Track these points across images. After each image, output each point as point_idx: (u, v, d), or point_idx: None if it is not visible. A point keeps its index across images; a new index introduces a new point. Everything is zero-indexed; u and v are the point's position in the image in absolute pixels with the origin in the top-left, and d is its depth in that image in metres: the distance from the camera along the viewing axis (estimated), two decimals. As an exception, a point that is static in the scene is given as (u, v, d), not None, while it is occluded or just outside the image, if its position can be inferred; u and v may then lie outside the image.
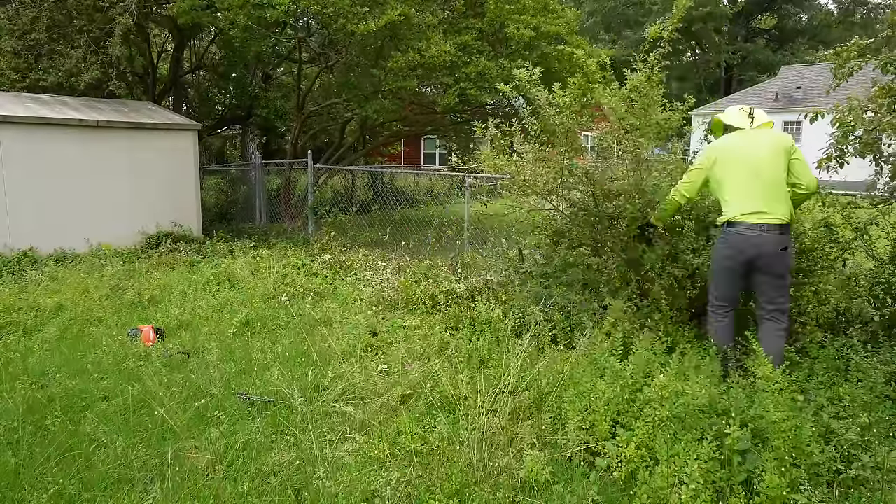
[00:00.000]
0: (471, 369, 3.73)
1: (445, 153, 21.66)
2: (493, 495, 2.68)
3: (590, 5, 39.80)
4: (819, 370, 3.27)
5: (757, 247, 3.40)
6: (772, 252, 3.39)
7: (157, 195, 9.23)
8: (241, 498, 2.73)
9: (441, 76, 9.01)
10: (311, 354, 4.34)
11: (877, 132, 3.61)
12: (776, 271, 3.44)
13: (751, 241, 3.41)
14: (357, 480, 2.82)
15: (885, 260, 4.06)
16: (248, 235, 10.06)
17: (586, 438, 3.00)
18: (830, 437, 2.77)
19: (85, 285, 6.43)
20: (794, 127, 24.37)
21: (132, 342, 4.77)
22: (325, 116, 12.84)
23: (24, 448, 3.12)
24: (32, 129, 7.95)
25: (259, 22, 8.98)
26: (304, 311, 5.57)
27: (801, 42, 39.33)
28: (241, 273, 6.95)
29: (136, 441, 3.23)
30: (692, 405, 2.80)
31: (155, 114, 9.76)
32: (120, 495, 2.76)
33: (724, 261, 3.55)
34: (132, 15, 9.36)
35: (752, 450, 2.64)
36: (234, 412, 3.54)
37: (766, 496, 2.44)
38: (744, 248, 3.43)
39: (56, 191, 8.20)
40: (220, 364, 4.28)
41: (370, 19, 8.25)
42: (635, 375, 3.21)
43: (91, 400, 3.75)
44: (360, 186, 13.48)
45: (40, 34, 10.00)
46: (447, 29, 9.06)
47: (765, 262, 3.42)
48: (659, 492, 2.57)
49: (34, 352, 4.60)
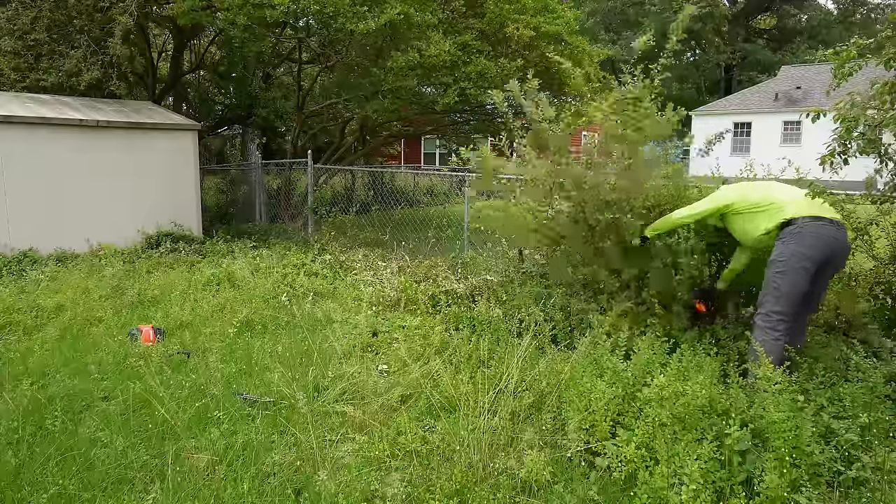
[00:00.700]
0: (471, 369, 3.73)
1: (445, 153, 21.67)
2: (493, 495, 2.68)
3: (590, 5, 39.83)
4: (819, 370, 3.27)
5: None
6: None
7: (158, 195, 9.23)
8: (241, 498, 2.73)
9: (441, 76, 9.01)
10: (312, 354, 4.34)
11: (880, 129, 3.60)
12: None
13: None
14: (357, 480, 2.82)
15: (885, 260, 4.06)
16: (248, 235, 10.05)
17: (586, 438, 3.00)
18: (830, 438, 2.77)
19: (85, 285, 6.43)
20: (794, 127, 24.40)
21: (132, 342, 4.77)
22: (325, 116, 12.85)
23: (24, 448, 3.12)
24: (32, 129, 7.95)
25: (259, 22, 8.98)
26: (304, 311, 5.57)
27: (801, 42, 39.35)
28: (241, 273, 6.95)
29: (136, 441, 3.23)
30: (692, 405, 2.80)
31: (155, 114, 9.76)
32: (120, 495, 2.76)
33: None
34: (132, 15, 9.36)
35: (752, 450, 2.64)
36: (235, 412, 3.54)
37: (766, 496, 2.44)
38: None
39: (56, 191, 8.20)
40: (220, 364, 4.28)
41: (369, 18, 8.25)
42: (636, 375, 3.21)
43: (91, 400, 3.75)
44: (360, 186, 13.48)
45: (40, 34, 10.01)
46: (447, 29, 9.07)
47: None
48: (659, 492, 2.57)
49: (34, 352, 4.60)
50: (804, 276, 3.20)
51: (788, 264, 3.22)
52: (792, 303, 3.25)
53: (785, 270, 3.23)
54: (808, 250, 3.19)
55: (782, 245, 3.28)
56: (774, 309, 3.26)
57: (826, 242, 3.21)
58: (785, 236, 3.29)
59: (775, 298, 3.26)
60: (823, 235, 3.21)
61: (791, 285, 3.22)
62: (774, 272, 3.28)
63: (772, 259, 3.33)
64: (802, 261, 3.19)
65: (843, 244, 3.30)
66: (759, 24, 40.84)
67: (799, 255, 3.20)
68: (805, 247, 3.20)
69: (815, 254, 3.19)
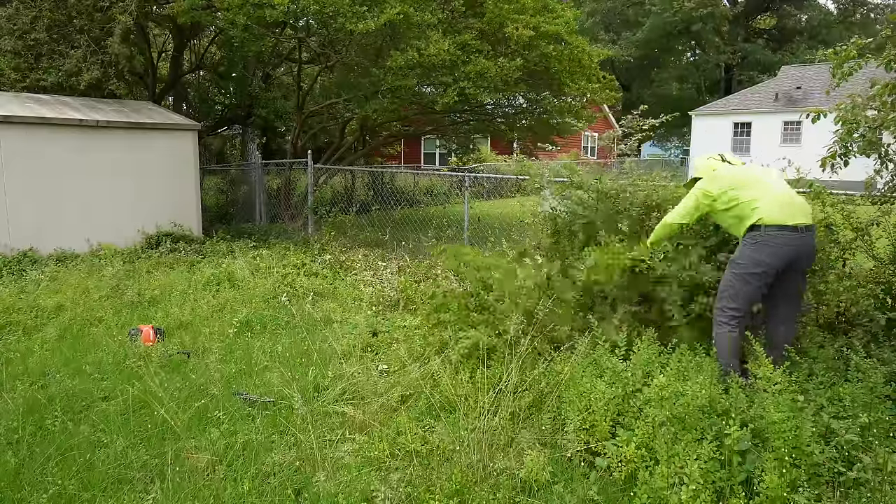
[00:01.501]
0: (471, 369, 3.72)
1: (445, 153, 21.67)
2: (493, 495, 2.68)
3: (590, 5, 39.83)
4: (819, 370, 3.27)
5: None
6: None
7: (157, 195, 9.23)
8: (241, 498, 2.74)
9: (440, 75, 9.00)
10: (312, 354, 4.35)
11: (880, 130, 3.59)
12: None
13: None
14: (357, 480, 2.82)
15: (885, 260, 4.06)
16: (248, 235, 10.06)
17: (586, 438, 3.00)
18: (830, 438, 2.76)
19: (85, 285, 6.43)
20: (795, 127, 24.38)
21: (132, 342, 4.77)
22: (325, 116, 12.84)
23: (24, 448, 3.12)
24: (33, 129, 7.95)
25: (258, 22, 8.98)
26: (304, 311, 5.57)
27: (801, 42, 39.35)
28: (241, 273, 6.95)
29: (136, 441, 3.23)
30: (692, 405, 2.80)
31: (155, 114, 9.76)
32: (120, 495, 2.76)
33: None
34: (132, 14, 9.36)
35: (752, 450, 2.64)
36: (234, 412, 3.54)
37: (766, 496, 2.45)
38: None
39: (56, 191, 8.20)
40: (220, 364, 4.28)
41: (369, 19, 8.24)
42: (635, 375, 3.20)
43: (91, 400, 3.75)
44: (359, 186, 13.48)
45: (40, 34, 10.01)
46: (447, 28, 9.05)
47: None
48: (659, 492, 2.57)
49: (34, 352, 4.60)
50: (759, 280, 3.34)
51: (746, 268, 3.35)
52: (746, 301, 3.39)
53: (741, 274, 3.37)
54: (766, 258, 3.31)
55: (744, 248, 3.40)
56: (729, 305, 3.40)
57: (786, 252, 3.30)
58: (748, 240, 3.39)
59: (730, 296, 3.40)
60: (783, 245, 3.30)
61: (745, 286, 3.36)
62: (732, 272, 3.42)
63: (733, 258, 3.47)
64: (759, 266, 3.32)
65: (807, 248, 3.38)
66: (759, 24, 40.82)
67: (756, 261, 3.33)
68: (764, 255, 3.31)
69: (774, 261, 3.30)
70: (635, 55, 37.96)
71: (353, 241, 8.97)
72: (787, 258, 3.31)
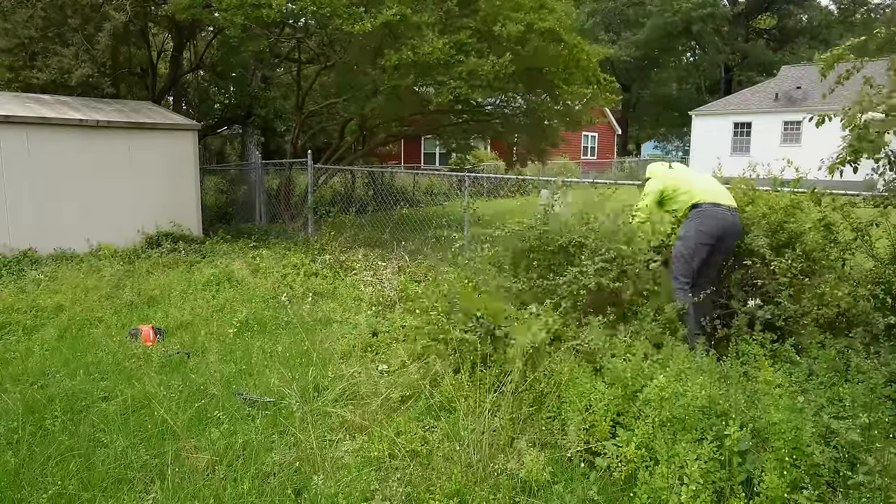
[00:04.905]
0: (471, 369, 3.72)
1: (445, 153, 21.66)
2: (493, 495, 2.68)
3: (590, 5, 39.79)
4: (819, 370, 3.27)
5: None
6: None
7: (157, 195, 9.23)
8: (241, 498, 2.73)
9: (436, 74, 8.95)
10: (311, 354, 4.34)
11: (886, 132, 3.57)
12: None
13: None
14: (357, 480, 2.82)
15: (885, 260, 4.05)
16: (247, 235, 10.05)
17: (586, 438, 3.00)
18: (830, 438, 2.76)
19: (85, 285, 6.43)
20: (795, 127, 24.38)
21: (132, 342, 4.77)
22: (324, 116, 12.84)
23: (24, 448, 3.12)
24: (33, 129, 7.95)
25: (256, 22, 8.96)
26: (303, 312, 5.57)
27: (801, 42, 39.34)
28: (240, 273, 6.95)
29: (136, 441, 3.23)
30: (692, 405, 2.80)
31: (154, 114, 9.76)
32: (120, 495, 2.76)
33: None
34: (126, 12, 9.36)
35: (752, 450, 2.63)
36: (234, 412, 3.54)
37: (766, 496, 2.44)
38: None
39: (56, 191, 8.20)
40: (219, 364, 4.28)
41: (366, 19, 8.23)
42: (635, 376, 3.20)
43: (91, 400, 3.75)
44: (359, 186, 13.48)
45: (34, 32, 10.00)
46: (442, 28, 9.01)
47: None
48: (659, 492, 2.57)
49: (34, 352, 4.60)
50: (703, 247, 4.03)
51: (692, 238, 4.06)
52: (694, 268, 4.05)
53: (688, 243, 4.06)
54: (706, 228, 4.03)
55: (688, 223, 4.14)
56: (682, 272, 4.07)
57: (719, 221, 4.03)
58: (692, 215, 4.12)
59: (681, 265, 4.07)
60: (718, 216, 4.05)
61: (692, 253, 4.04)
62: (679, 244, 4.12)
63: (679, 234, 4.16)
64: (701, 236, 4.03)
65: (734, 225, 4.07)
66: (759, 24, 40.82)
67: (698, 231, 4.04)
68: (704, 225, 4.04)
69: (712, 230, 4.01)
70: (635, 55, 37.95)
71: (353, 241, 8.97)
72: (720, 229, 4.02)
